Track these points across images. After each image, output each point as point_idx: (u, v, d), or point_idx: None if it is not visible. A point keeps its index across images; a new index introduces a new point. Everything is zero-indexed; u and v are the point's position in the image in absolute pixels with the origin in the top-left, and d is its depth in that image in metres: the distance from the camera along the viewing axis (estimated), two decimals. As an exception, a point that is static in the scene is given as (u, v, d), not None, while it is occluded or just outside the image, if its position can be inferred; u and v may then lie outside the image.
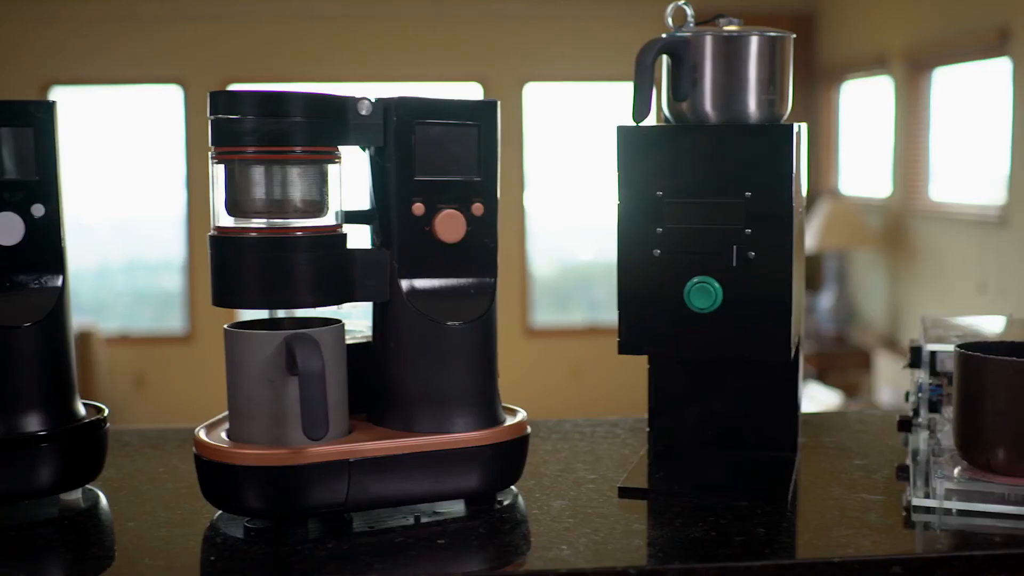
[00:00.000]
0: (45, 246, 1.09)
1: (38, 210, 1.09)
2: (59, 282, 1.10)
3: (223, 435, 1.06)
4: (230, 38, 6.41)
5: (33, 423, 1.07)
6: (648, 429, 1.25)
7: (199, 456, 1.04)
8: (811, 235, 5.44)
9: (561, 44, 6.49)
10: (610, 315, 6.55)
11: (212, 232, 1.05)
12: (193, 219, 6.41)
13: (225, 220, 1.05)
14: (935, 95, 5.27)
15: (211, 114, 1.04)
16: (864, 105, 6.14)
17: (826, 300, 5.96)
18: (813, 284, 5.99)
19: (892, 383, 4.91)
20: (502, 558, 0.99)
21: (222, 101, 1.03)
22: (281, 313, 1.13)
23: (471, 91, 6.57)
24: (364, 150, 1.09)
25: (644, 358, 1.21)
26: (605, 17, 6.43)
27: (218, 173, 1.05)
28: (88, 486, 1.14)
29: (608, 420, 1.42)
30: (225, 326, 1.06)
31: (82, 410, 1.13)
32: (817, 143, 6.41)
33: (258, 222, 1.04)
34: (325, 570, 0.94)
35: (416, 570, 0.94)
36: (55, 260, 1.10)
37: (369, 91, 1.06)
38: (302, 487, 1.01)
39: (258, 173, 1.03)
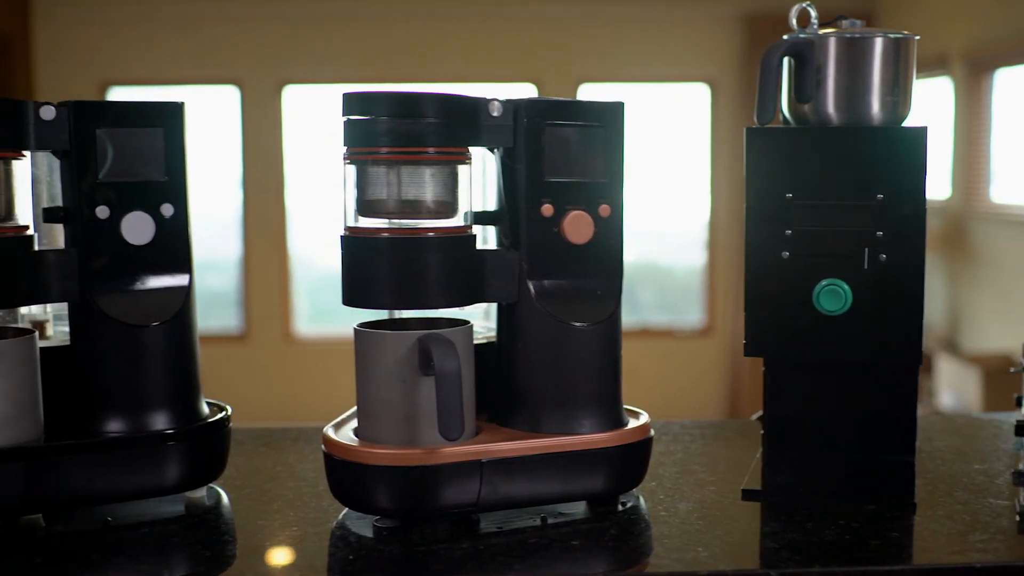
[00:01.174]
0: (173, 246, 1.10)
1: (167, 210, 1.09)
2: (186, 281, 1.11)
3: (351, 434, 1.07)
4: (286, 39, 6.43)
5: (160, 422, 1.08)
6: (762, 431, 1.24)
7: (329, 455, 1.05)
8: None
9: (616, 45, 6.48)
10: (659, 317, 6.53)
11: (343, 232, 1.06)
12: (249, 219, 6.45)
13: (356, 220, 1.05)
14: (996, 96, 5.22)
15: (344, 115, 1.04)
16: (923, 106, 6.10)
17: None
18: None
19: (953, 387, 4.87)
20: (639, 559, 0.99)
21: (356, 102, 1.04)
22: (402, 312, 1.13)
23: (525, 92, 6.57)
24: (492, 151, 1.09)
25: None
26: (660, 18, 6.42)
27: (349, 174, 1.05)
28: (210, 484, 1.14)
29: (715, 422, 1.42)
30: (355, 326, 1.07)
31: (206, 408, 1.14)
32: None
33: (389, 223, 1.04)
34: (464, 569, 0.94)
35: (555, 571, 0.94)
36: (183, 260, 1.11)
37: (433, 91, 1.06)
38: (435, 487, 1.01)
39: (391, 174, 1.04)
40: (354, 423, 1.10)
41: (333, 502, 1.09)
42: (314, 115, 6.46)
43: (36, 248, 1.07)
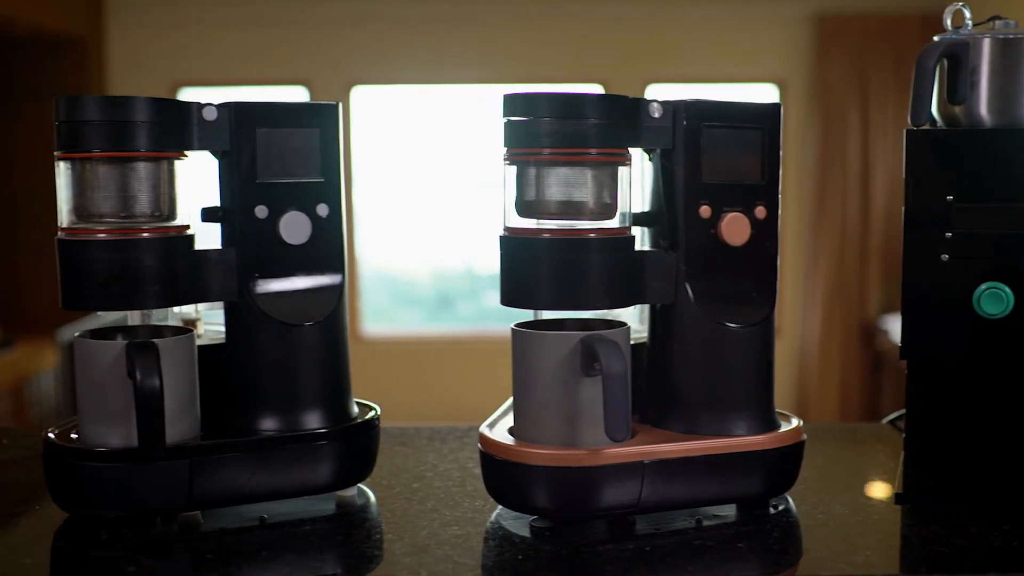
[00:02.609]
0: (328, 246, 1.11)
1: (323, 210, 1.10)
2: (340, 281, 1.11)
3: (506, 433, 1.07)
4: (354, 41, 6.46)
5: (313, 420, 1.09)
6: (903, 434, 1.23)
7: (488, 455, 1.05)
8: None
9: (683, 45, 6.46)
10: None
11: (502, 232, 1.06)
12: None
13: (516, 221, 1.05)
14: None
15: (505, 116, 1.05)
16: None
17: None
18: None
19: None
20: (811, 562, 0.99)
21: (518, 104, 1.04)
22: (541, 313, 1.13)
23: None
24: (648, 153, 1.09)
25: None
26: (729, 18, 6.39)
27: (508, 174, 1.05)
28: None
29: (845, 424, 1.41)
30: (512, 326, 1.07)
31: (355, 408, 1.14)
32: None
33: (549, 223, 1.04)
34: (636, 570, 0.94)
35: (729, 572, 0.94)
36: (337, 260, 1.11)
37: (497, 93, 1.06)
38: (597, 488, 1.01)
39: (553, 175, 1.04)
40: (506, 422, 1.10)
41: (486, 501, 1.09)
42: (382, 116, 6.49)
43: (196, 248, 1.08)
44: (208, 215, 1.09)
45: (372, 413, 1.13)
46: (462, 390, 6.09)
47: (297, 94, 6.50)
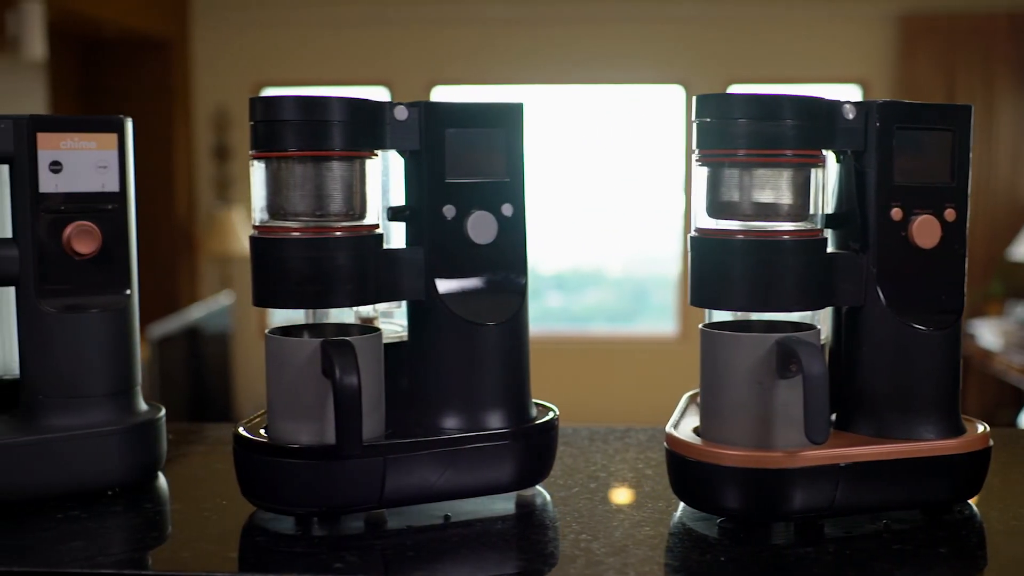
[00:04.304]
0: (513, 246, 1.11)
1: (507, 210, 1.11)
2: (523, 282, 1.12)
3: (692, 434, 1.07)
4: (435, 41, 6.49)
5: (495, 421, 1.09)
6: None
7: (678, 455, 1.05)
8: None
9: (765, 45, 6.42)
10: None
11: (693, 233, 1.06)
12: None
13: (706, 222, 1.05)
14: None
15: (697, 118, 1.05)
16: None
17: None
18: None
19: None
20: (1014, 570, 0.98)
21: (713, 105, 1.04)
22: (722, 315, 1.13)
23: (672, 94, 6.54)
24: (838, 155, 1.08)
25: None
26: (811, 18, 6.35)
27: (701, 175, 1.05)
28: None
29: (1002, 429, 1.39)
30: (702, 327, 1.07)
31: (534, 409, 1.14)
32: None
33: (739, 224, 1.04)
34: (842, 573, 0.93)
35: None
36: (521, 260, 1.12)
37: (576, 95, 1.06)
38: (792, 490, 1.00)
39: (745, 176, 1.03)
40: (687, 422, 1.10)
41: (667, 502, 1.09)
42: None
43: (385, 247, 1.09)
44: (395, 214, 1.10)
45: (551, 414, 1.14)
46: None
47: (378, 94, 6.54)
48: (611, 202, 7.00)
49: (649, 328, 7.02)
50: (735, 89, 6.38)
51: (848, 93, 6.40)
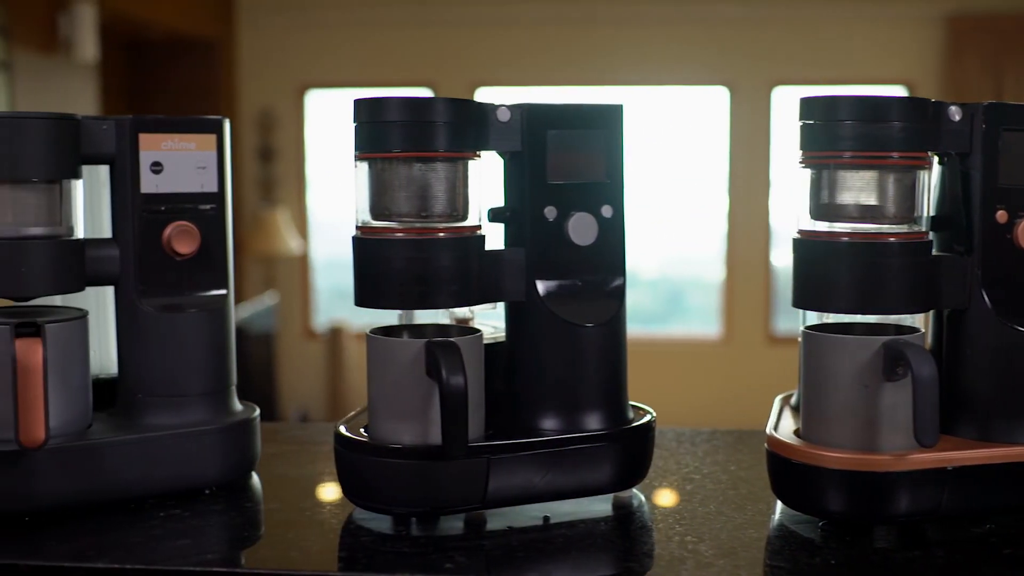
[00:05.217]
0: (612, 247, 1.11)
1: (607, 211, 1.11)
2: (622, 283, 1.11)
3: (793, 436, 1.07)
4: (478, 42, 6.50)
5: (594, 422, 1.09)
6: None
7: (782, 458, 1.05)
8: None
9: (810, 46, 6.40)
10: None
11: (796, 235, 1.06)
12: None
13: (810, 224, 1.05)
14: None
15: (801, 119, 1.04)
16: None
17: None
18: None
19: None
20: None
21: (818, 106, 1.03)
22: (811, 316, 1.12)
23: (718, 95, 6.52)
24: (941, 157, 1.08)
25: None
26: (856, 18, 6.32)
27: (804, 177, 1.05)
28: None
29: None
30: (804, 329, 1.06)
31: (630, 411, 1.14)
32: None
33: (844, 227, 1.04)
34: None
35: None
36: (620, 261, 1.12)
37: (617, 96, 1.06)
38: (900, 493, 1.00)
39: (851, 178, 1.03)
40: (784, 424, 1.10)
41: (766, 504, 1.09)
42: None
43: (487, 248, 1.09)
44: (496, 215, 1.10)
45: (649, 416, 1.13)
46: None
47: (421, 95, 6.55)
48: (648, 203, 6.98)
49: (690, 330, 7.00)
50: (781, 91, 6.36)
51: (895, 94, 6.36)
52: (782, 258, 6.67)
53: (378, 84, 6.59)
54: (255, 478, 1.20)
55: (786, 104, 6.46)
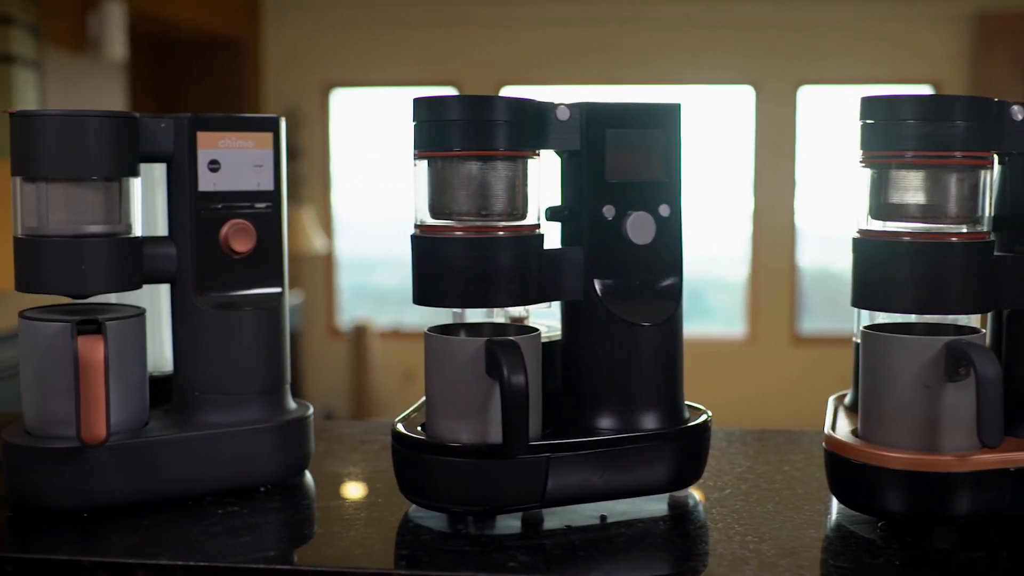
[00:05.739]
0: (670, 247, 1.11)
1: (664, 210, 1.10)
2: (679, 283, 1.11)
3: (851, 435, 1.06)
4: (502, 42, 6.50)
5: (650, 421, 1.09)
6: None
7: (838, 457, 1.04)
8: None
9: (835, 46, 6.38)
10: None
11: (856, 235, 1.06)
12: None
13: (868, 224, 1.05)
14: None
15: (862, 119, 1.04)
16: None
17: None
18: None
19: None
20: None
21: (880, 106, 1.03)
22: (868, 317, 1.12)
23: (743, 95, 6.51)
24: (1002, 156, 1.07)
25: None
26: (882, 18, 6.29)
27: (864, 177, 1.05)
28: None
29: None
30: (864, 328, 1.06)
31: (686, 411, 1.14)
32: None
33: (906, 227, 1.04)
34: (1021, 579, 0.93)
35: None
36: (677, 261, 1.11)
37: (645, 95, 1.05)
38: (961, 494, 1.00)
39: (913, 178, 1.03)
40: (840, 424, 1.10)
41: (823, 504, 1.09)
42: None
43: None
44: (553, 214, 1.10)
45: (705, 415, 1.13)
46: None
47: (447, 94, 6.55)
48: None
49: (714, 330, 6.99)
50: (806, 90, 6.34)
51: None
52: (807, 258, 6.65)
53: (403, 83, 6.60)
54: (308, 476, 1.21)
55: (811, 103, 6.44)
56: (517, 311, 1.18)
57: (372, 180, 6.88)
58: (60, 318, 1.08)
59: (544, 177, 1.11)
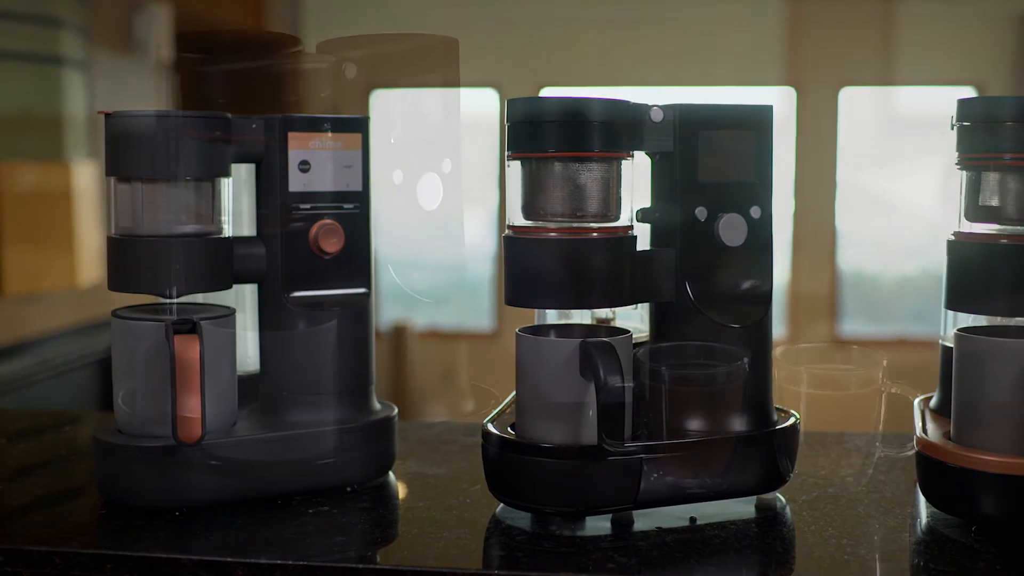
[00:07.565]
0: (761, 248, 1.11)
1: (755, 212, 1.10)
2: (769, 286, 1.11)
3: (943, 437, 1.06)
4: (542, 44, 6.50)
5: (739, 424, 1.09)
6: None
7: (933, 460, 1.04)
8: None
9: (877, 47, 6.34)
10: (920, 328, 6.36)
11: (951, 237, 1.05)
12: (503, 218, 6.52)
13: (964, 226, 1.05)
14: None
15: (959, 121, 1.04)
16: None
17: None
18: None
19: None
20: None
21: (977, 107, 1.03)
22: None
23: (784, 97, 6.49)
24: (1098, 158, 1.07)
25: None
26: (924, 19, 6.26)
27: (960, 179, 1.04)
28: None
29: None
30: (957, 331, 1.06)
31: (775, 413, 1.14)
32: None
33: (1001, 228, 1.03)
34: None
35: None
36: (768, 263, 1.11)
37: (685, 97, 1.05)
38: (1060, 498, 0.99)
39: (1011, 180, 1.02)
40: (931, 426, 1.10)
41: (912, 507, 1.09)
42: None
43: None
44: (645, 215, 1.10)
45: (793, 418, 1.13)
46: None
47: (487, 96, 6.56)
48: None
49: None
50: (848, 91, 6.31)
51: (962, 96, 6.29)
52: (847, 261, 6.62)
53: (443, 84, 6.60)
54: (392, 476, 1.21)
55: (853, 105, 6.41)
56: (604, 312, 1.18)
57: (410, 180, 6.88)
58: (155, 317, 1.09)
59: (635, 179, 1.11)
